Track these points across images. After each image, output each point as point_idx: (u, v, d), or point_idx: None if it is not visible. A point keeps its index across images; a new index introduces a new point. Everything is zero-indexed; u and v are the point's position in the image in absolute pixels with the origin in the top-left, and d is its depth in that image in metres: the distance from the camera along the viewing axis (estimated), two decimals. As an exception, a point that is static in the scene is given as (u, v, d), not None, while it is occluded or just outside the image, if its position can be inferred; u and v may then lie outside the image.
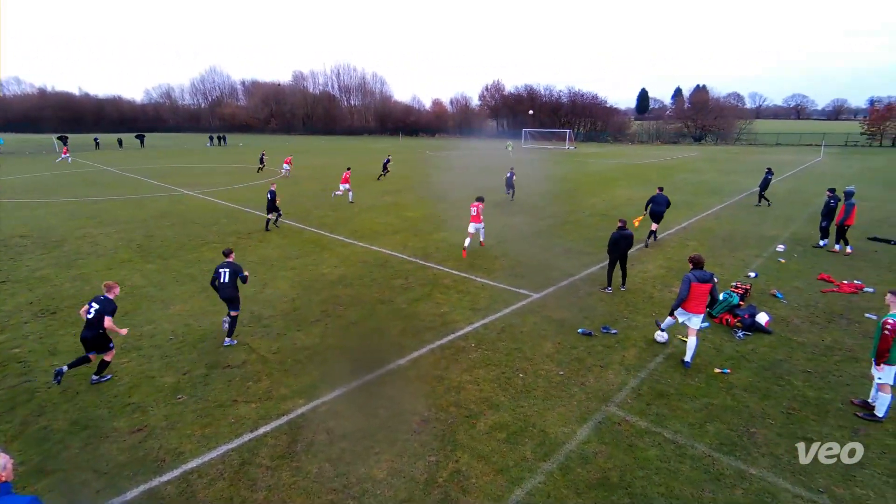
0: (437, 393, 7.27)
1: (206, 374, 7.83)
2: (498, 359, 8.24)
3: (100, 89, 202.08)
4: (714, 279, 7.95)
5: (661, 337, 8.89)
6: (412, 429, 6.49)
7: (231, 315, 8.75)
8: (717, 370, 7.85)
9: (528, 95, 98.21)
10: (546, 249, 14.87)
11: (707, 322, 9.58)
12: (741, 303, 9.95)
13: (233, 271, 8.69)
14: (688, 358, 8.01)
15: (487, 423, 6.58)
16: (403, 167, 39.55)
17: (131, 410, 6.94)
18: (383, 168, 32.89)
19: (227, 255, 9.03)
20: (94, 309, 7.33)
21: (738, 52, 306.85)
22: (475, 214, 14.18)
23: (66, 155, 44.79)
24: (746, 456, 5.99)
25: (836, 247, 14.37)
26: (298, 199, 24.14)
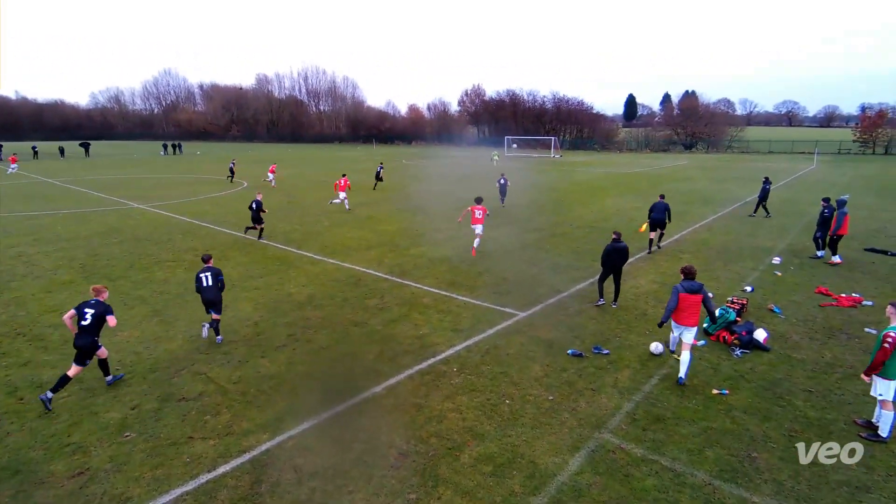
0: (417, 423, 7.19)
1: (158, 408, 7.60)
2: (482, 384, 8.20)
3: (39, 93, 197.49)
4: (704, 290, 8.17)
5: (657, 348, 9.18)
6: (389, 463, 6.38)
7: (214, 318, 9.65)
8: (715, 391, 7.97)
9: (511, 101, 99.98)
10: (532, 264, 15.00)
11: (704, 340, 9.76)
12: (738, 319, 10.18)
13: (214, 275, 9.62)
14: (682, 374, 8.17)
15: (472, 455, 6.52)
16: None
17: (71, 452, 6.65)
18: (377, 177, 33.33)
19: (206, 260, 9.97)
20: (91, 314, 7.74)
21: (727, 56, 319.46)
22: (479, 217, 16.05)
23: (15, 165, 43.57)
24: (748, 483, 6.06)
25: (834, 258, 14.88)
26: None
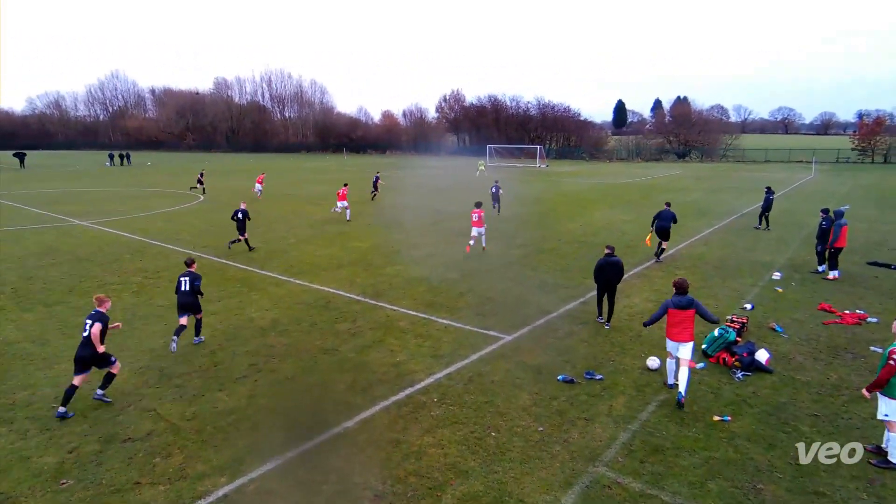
0: (394, 461, 7.09)
1: (100, 450, 7.35)
2: (465, 415, 8.16)
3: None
4: (696, 303, 8.48)
5: (653, 363, 9.55)
6: (363, 507, 6.26)
7: (196, 318, 10.78)
8: (716, 418, 8.06)
9: (493, 107, 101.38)
10: (518, 283, 15.07)
11: (703, 362, 9.89)
12: (738, 339, 10.35)
13: (191, 280, 10.50)
14: (682, 391, 8.39)
15: (455, 496, 6.44)
16: (349, 190, 39.37)
17: (-3, 503, 6.36)
18: (374, 186, 34.05)
19: (189, 265, 10.89)
20: (88, 325, 8.28)
21: (719, 60, 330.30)
22: (476, 220, 18.16)
23: None
24: (754, 518, 6.10)
25: (832, 273, 15.31)
26: (220, 228, 23.59)
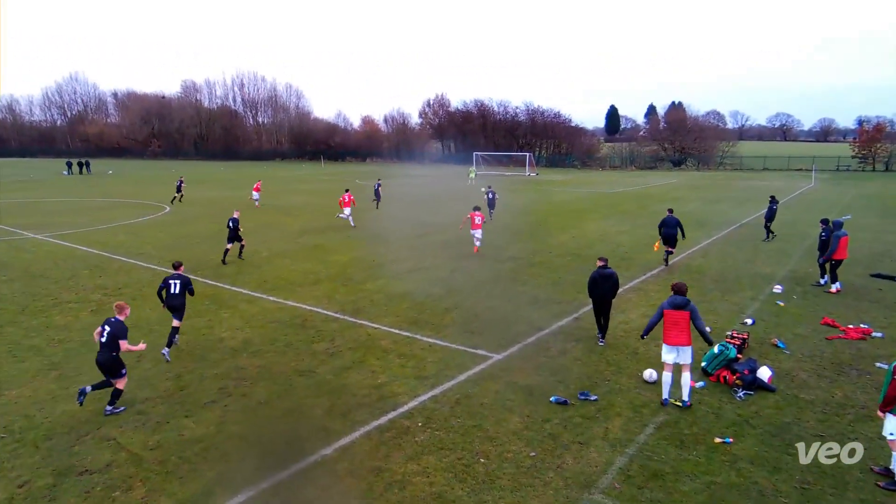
0: (375, 491, 7.02)
1: (54, 484, 7.18)
2: (452, 441, 8.11)
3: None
4: (692, 306, 8.96)
5: (650, 376, 9.87)
6: (343, 542, 6.18)
7: (174, 326, 11.25)
8: (717, 440, 8.11)
9: (479, 112, 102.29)
10: (508, 299, 15.11)
11: (703, 381, 9.96)
12: (739, 356, 10.46)
13: (183, 283, 11.29)
14: (684, 397, 8.99)
15: (442, 527, 6.37)
16: (326, 199, 39.42)
17: (-62, 545, 6.16)
18: (376, 194, 35.23)
19: (177, 267, 11.64)
20: (107, 332, 8.82)
21: (715, 64, 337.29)
22: (478, 223, 20.64)
23: None
24: (759, 546, 6.12)
25: (833, 286, 15.59)
26: (188, 241, 23.40)
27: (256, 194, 36.00)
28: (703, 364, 10.31)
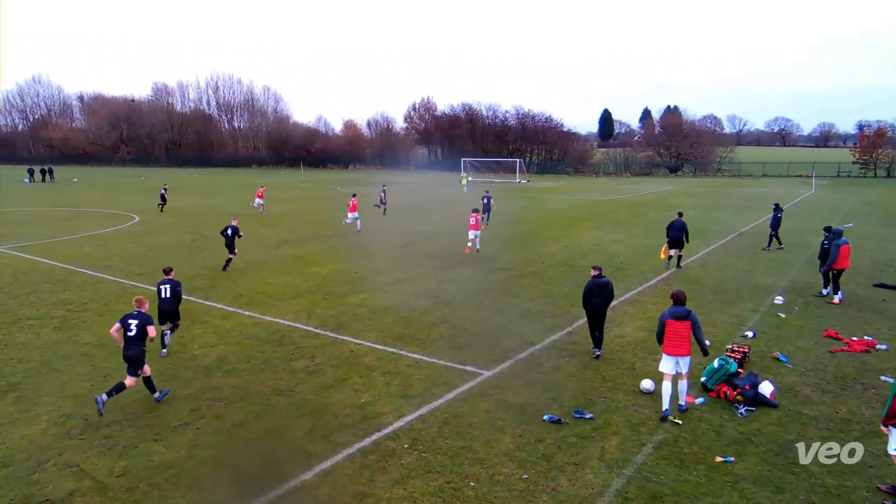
0: (359, 518, 6.93)
1: (11, 515, 7.01)
2: (440, 463, 8.08)
3: None
4: (693, 316, 9.27)
5: (648, 384, 10.18)
6: (324, 573, 6.10)
7: (173, 325, 12.20)
8: (718, 459, 8.14)
9: (467, 116, 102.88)
10: (498, 311, 15.12)
11: (703, 398, 10.02)
12: (740, 370, 10.54)
13: (172, 287, 12.06)
14: (681, 401, 9.44)
15: (429, 556, 6.32)
16: (306, 207, 39.37)
17: None
18: (381, 201, 35.92)
19: (168, 273, 12.38)
20: (136, 325, 9.62)
21: (711, 67, 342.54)
22: (473, 224, 22.02)
23: None
24: (764, 571, 6.14)
25: (836, 297, 15.80)
26: (158, 252, 23.22)
27: (260, 200, 36.75)
28: (703, 379, 10.37)
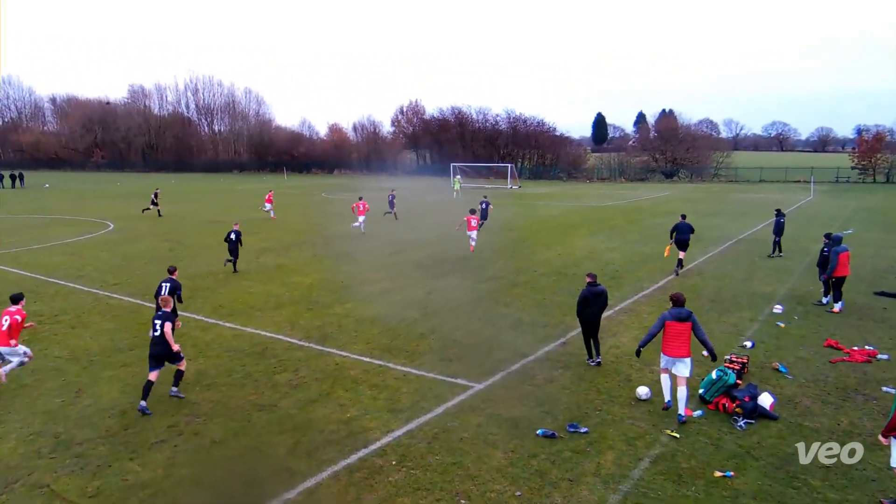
0: (344, 538, 6.90)
1: (-24, 539, 6.91)
2: (430, 480, 8.05)
3: None
4: (694, 317, 9.60)
5: (644, 392, 10.41)
6: None
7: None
8: (717, 473, 8.16)
9: (457, 120, 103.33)
10: (489, 322, 15.13)
11: (701, 410, 10.06)
12: (738, 382, 10.60)
13: (172, 287, 12.79)
14: (680, 411, 9.52)
15: (418, 578, 6.28)
16: (289, 214, 39.27)
17: None
18: (390, 205, 36.73)
19: (172, 272, 13.35)
20: (159, 325, 10.18)
21: (707, 70, 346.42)
22: (473, 225, 24.14)
23: None
24: (765, 589, 6.15)
25: (836, 306, 15.96)
26: (134, 261, 23.06)
27: (269, 205, 37.85)
28: (701, 391, 10.42)
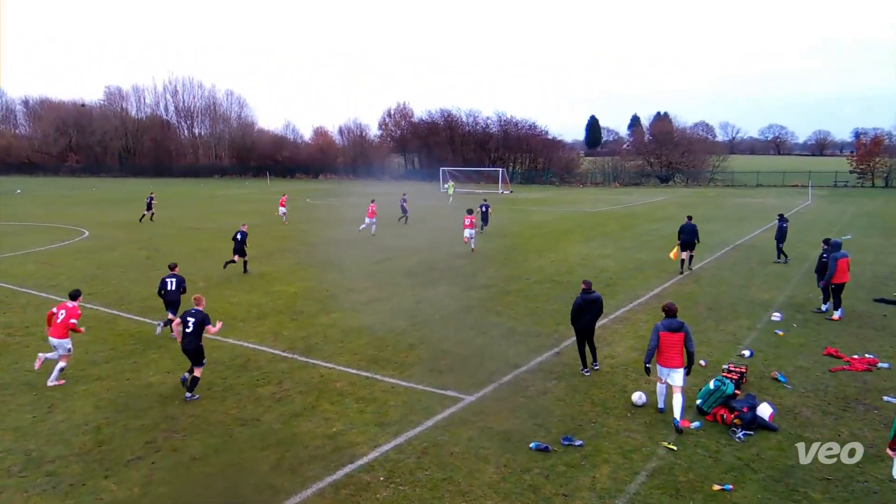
0: (330, 558, 6.85)
1: (-58, 563, 6.79)
2: (419, 497, 8.03)
3: None
4: (686, 328, 9.97)
5: (640, 398, 10.68)
6: None
7: (169, 318, 13.91)
8: (716, 487, 8.19)
9: (446, 123, 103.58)
10: (480, 332, 15.13)
11: (698, 421, 10.10)
12: (737, 392, 10.66)
13: (178, 281, 14.18)
14: (677, 416, 9.74)
15: None
16: (272, 220, 39.10)
17: None
18: (403, 210, 37.84)
19: (173, 268, 14.65)
20: (192, 322, 10.90)
21: (703, 72, 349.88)
22: (468, 224, 25.85)
23: None
24: None
25: (836, 313, 16.11)
26: (110, 270, 22.92)
27: (283, 209, 39.41)
28: (699, 402, 10.45)
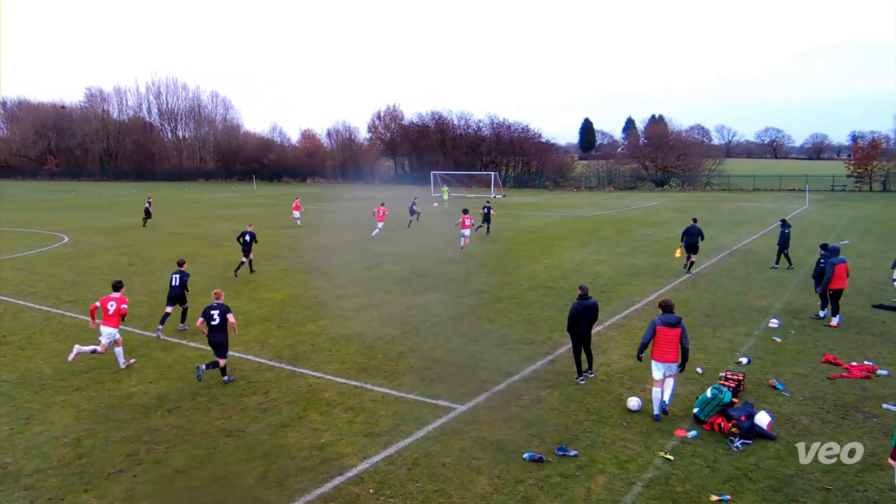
0: (318, 573, 6.82)
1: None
2: (410, 509, 7.96)
3: None
4: (683, 324, 10.39)
5: (635, 403, 10.88)
6: None
7: (183, 308, 15.73)
8: (714, 497, 8.20)
9: (437, 126, 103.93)
10: (472, 339, 15.14)
11: (695, 430, 10.12)
12: (734, 400, 10.70)
13: (181, 277, 15.30)
14: (666, 398, 10.49)
15: None
16: (258, 225, 38.83)
17: None
18: (412, 213, 38.42)
19: (181, 265, 15.69)
20: (218, 314, 11.90)
21: (699, 74, 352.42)
22: (467, 224, 28.25)
23: None
24: None
25: (834, 319, 16.22)
26: (91, 277, 22.80)
27: (297, 213, 40.57)
28: (696, 410, 10.48)
